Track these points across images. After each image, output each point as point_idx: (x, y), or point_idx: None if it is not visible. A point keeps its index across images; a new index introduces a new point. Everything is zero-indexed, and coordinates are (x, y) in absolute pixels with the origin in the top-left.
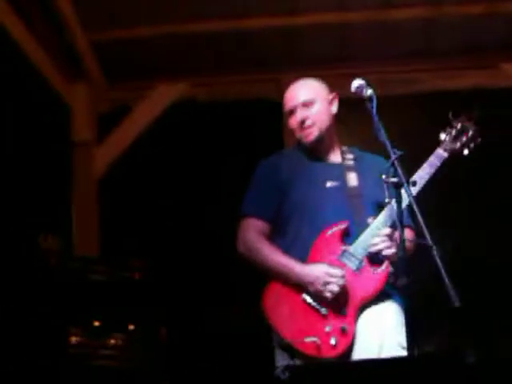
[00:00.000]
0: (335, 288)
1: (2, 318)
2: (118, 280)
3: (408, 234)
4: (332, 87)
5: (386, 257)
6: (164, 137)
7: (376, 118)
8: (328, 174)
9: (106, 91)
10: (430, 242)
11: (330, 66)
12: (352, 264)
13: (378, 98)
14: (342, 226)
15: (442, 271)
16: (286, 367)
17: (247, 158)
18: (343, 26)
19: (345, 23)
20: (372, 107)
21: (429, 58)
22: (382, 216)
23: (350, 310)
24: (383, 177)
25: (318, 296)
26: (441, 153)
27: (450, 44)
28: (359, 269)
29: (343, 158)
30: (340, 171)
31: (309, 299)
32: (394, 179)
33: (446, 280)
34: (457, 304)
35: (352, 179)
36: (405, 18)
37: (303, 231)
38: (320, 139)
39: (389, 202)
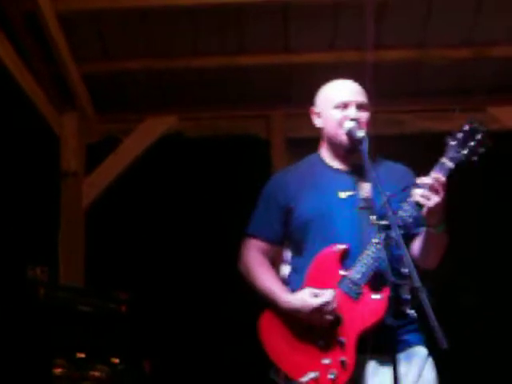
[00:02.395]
0: (326, 315)
1: None
2: (104, 312)
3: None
4: None
5: (427, 208)
6: (152, 170)
7: (367, 160)
8: (342, 183)
9: (95, 123)
10: (417, 283)
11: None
12: (351, 292)
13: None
14: (340, 247)
15: (430, 312)
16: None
17: (234, 194)
18: (334, 66)
19: (335, 63)
20: (363, 149)
21: (416, 100)
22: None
23: (349, 341)
24: (373, 219)
25: (311, 326)
26: (446, 163)
27: (436, 86)
28: (358, 297)
29: (358, 166)
30: (354, 181)
31: (304, 330)
32: (384, 222)
33: (433, 321)
34: (444, 346)
35: (365, 190)
36: (393, 59)
37: (318, 248)
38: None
39: (379, 243)
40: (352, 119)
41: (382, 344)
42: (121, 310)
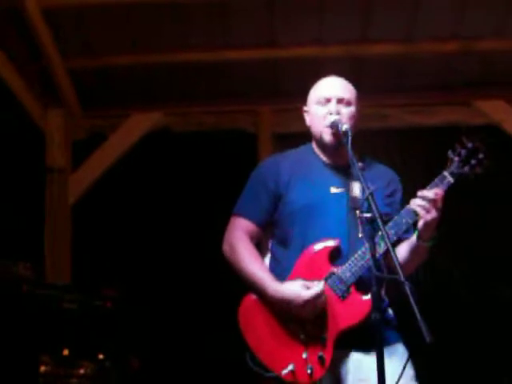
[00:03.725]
0: (311, 308)
1: None
2: (89, 308)
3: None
4: None
5: (424, 221)
6: (138, 166)
7: (351, 153)
8: (334, 179)
9: (81, 118)
10: (402, 277)
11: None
12: (337, 289)
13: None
14: (332, 243)
15: (414, 306)
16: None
17: (221, 189)
18: (320, 60)
19: (322, 57)
20: (347, 142)
21: (401, 94)
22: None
23: (329, 338)
24: (357, 212)
25: (295, 318)
26: (447, 176)
27: (422, 80)
28: (344, 295)
29: (351, 165)
30: (346, 178)
31: (286, 321)
32: (368, 214)
33: (418, 315)
34: (428, 340)
35: (356, 188)
36: (378, 53)
37: (305, 240)
38: (340, 142)
39: (362, 237)
40: (334, 113)
41: (366, 339)
42: (106, 306)
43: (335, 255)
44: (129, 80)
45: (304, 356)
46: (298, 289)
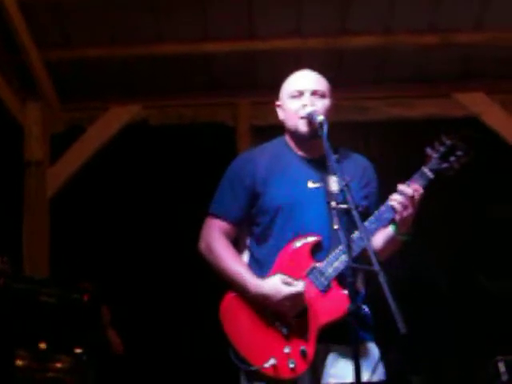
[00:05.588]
0: (294, 305)
1: None
2: (67, 302)
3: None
4: None
5: (400, 217)
6: (116, 158)
7: (327, 145)
8: (311, 173)
9: (59, 111)
10: (377, 267)
11: None
12: (319, 283)
13: (331, 124)
14: (313, 238)
15: (389, 297)
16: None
17: (200, 182)
18: (299, 52)
19: (300, 49)
20: (323, 133)
21: (381, 86)
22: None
23: (312, 332)
24: (332, 204)
25: (277, 313)
26: (426, 172)
27: (402, 72)
28: (326, 290)
29: (327, 157)
30: (322, 171)
31: (268, 316)
32: (344, 206)
33: (393, 306)
34: (403, 330)
35: (333, 183)
36: (358, 45)
37: (286, 237)
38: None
39: (338, 228)
40: (308, 105)
41: (343, 334)
42: (84, 299)
43: (317, 250)
44: (107, 72)
45: (286, 350)
46: (277, 284)
